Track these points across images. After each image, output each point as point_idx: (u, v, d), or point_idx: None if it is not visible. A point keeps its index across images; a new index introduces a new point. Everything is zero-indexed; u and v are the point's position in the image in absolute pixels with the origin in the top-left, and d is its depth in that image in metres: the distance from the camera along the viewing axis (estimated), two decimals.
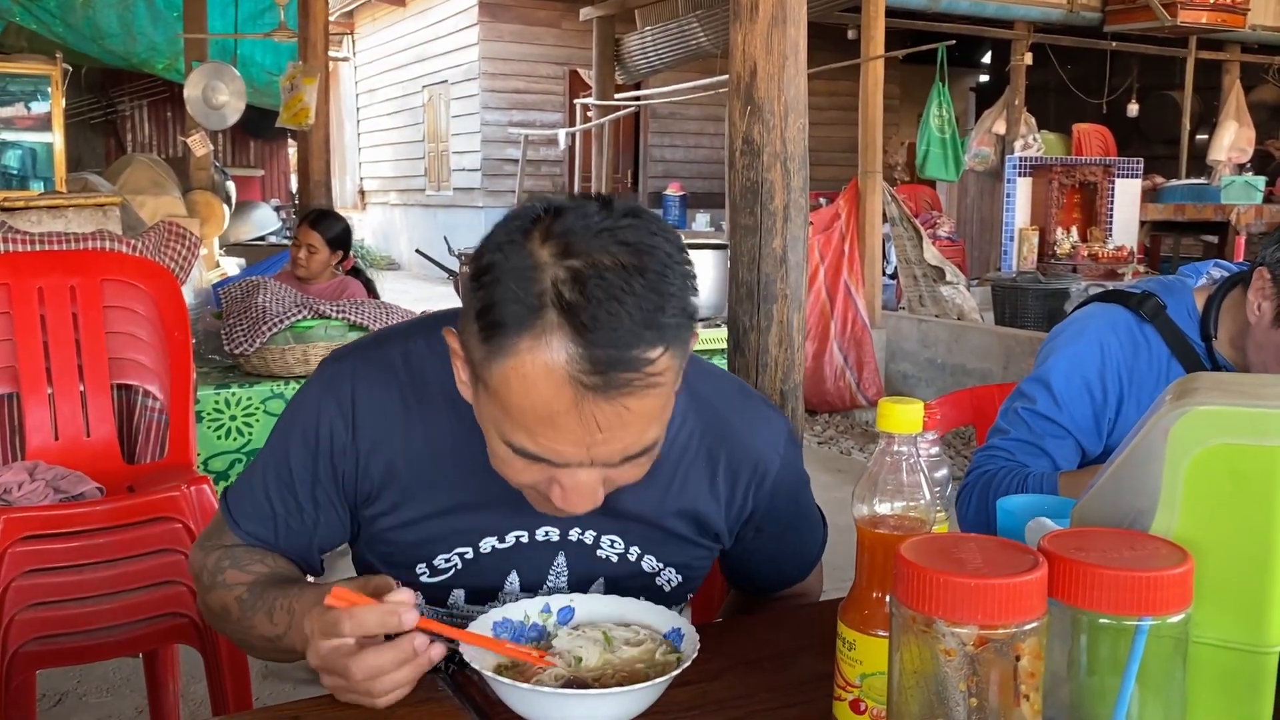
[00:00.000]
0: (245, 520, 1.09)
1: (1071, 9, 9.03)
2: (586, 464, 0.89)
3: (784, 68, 1.76)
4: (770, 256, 1.81)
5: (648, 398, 0.86)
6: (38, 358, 2.22)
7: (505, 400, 0.87)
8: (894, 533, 0.79)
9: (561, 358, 0.82)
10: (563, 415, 0.85)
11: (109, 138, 12.59)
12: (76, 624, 1.89)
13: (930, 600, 0.63)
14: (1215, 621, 0.73)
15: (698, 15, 7.20)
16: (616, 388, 0.83)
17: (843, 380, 5.92)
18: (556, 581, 1.08)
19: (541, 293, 0.83)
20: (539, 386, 0.84)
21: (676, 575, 1.12)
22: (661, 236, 0.88)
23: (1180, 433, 0.74)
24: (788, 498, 1.15)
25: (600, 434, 0.86)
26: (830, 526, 1.26)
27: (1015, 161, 8.75)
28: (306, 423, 1.06)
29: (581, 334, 0.82)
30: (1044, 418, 1.47)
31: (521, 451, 0.89)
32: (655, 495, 1.06)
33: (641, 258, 0.85)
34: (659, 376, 0.85)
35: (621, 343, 0.82)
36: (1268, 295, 1.35)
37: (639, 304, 0.83)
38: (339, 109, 14.17)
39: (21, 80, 6.32)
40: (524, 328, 0.83)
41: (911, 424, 0.80)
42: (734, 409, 1.12)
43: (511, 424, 0.88)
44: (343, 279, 3.94)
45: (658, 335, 0.84)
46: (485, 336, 0.86)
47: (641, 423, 0.87)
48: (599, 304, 0.82)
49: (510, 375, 0.85)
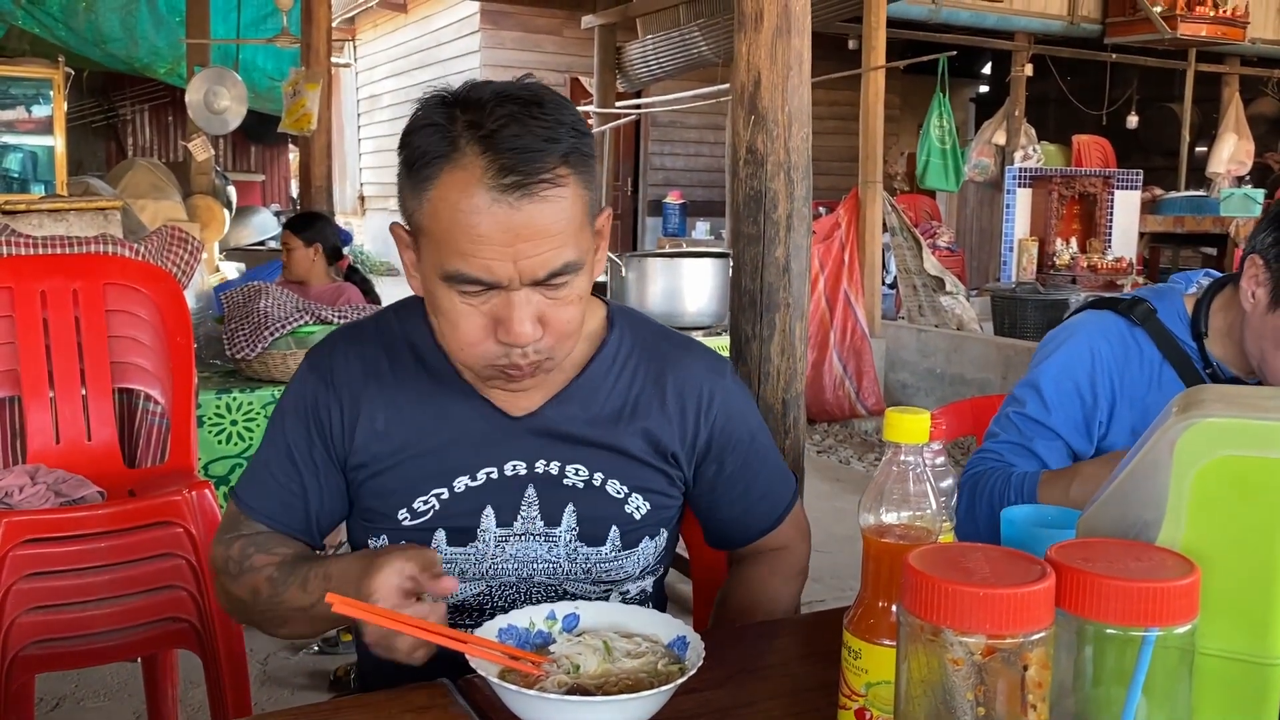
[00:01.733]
0: (252, 498, 1.17)
1: (1072, 21, 9.06)
2: (516, 281, 0.99)
3: (788, 78, 1.76)
4: (773, 265, 1.81)
5: (555, 204, 0.98)
6: (40, 361, 2.22)
7: (438, 229, 0.99)
8: (900, 542, 0.79)
9: (476, 171, 0.97)
10: (484, 222, 0.97)
11: (110, 142, 12.58)
12: (76, 628, 1.88)
13: (938, 609, 0.63)
14: (1221, 633, 0.73)
15: (699, 24, 7.22)
16: (523, 189, 0.96)
17: (842, 390, 5.92)
18: (529, 513, 1.15)
19: (454, 133, 0.98)
20: (461, 200, 0.97)
21: (644, 502, 1.18)
22: (554, 92, 1.03)
23: (1186, 445, 0.74)
24: (741, 425, 1.23)
25: (520, 242, 0.97)
26: (831, 536, 1.27)
27: (1015, 172, 8.77)
28: (296, 397, 1.18)
29: (489, 148, 0.97)
30: (1033, 421, 1.49)
31: (460, 278, 0.99)
32: (611, 419, 1.16)
33: (538, 96, 1.01)
34: (562, 184, 0.99)
35: (525, 149, 0.97)
36: (1261, 281, 1.36)
37: (538, 124, 0.98)
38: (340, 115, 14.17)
39: (23, 84, 6.33)
40: (443, 158, 0.98)
41: (918, 434, 0.80)
42: (673, 343, 1.24)
43: (447, 252, 0.99)
44: (339, 284, 3.95)
45: (557, 147, 0.98)
46: (414, 181, 1.01)
47: (555, 234, 0.99)
48: (503, 125, 0.97)
49: (437, 202, 0.99)
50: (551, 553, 1.15)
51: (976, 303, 7.24)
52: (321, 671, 2.76)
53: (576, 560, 1.16)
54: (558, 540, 1.15)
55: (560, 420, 1.15)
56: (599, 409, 1.16)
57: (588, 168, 1.03)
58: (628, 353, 1.19)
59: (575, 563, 1.16)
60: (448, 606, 1.14)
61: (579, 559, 1.16)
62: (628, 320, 1.23)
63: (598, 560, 1.16)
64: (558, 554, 1.15)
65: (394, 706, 0.92)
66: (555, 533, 1.15)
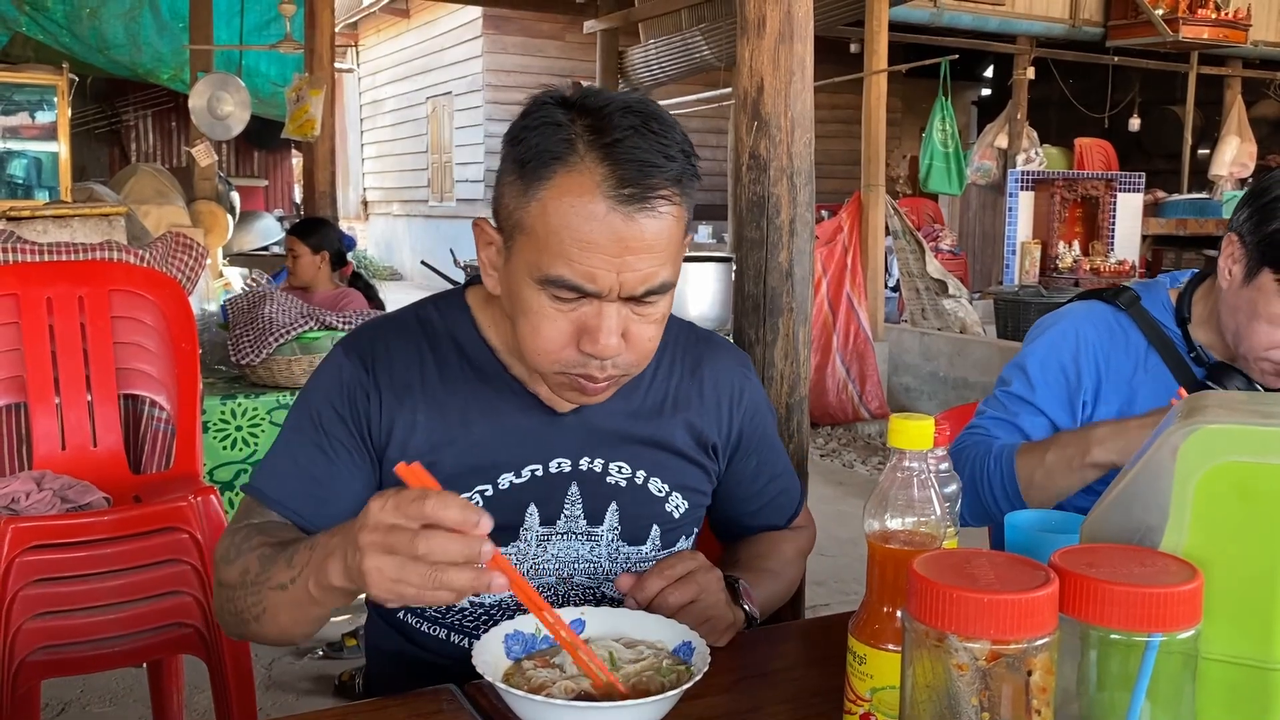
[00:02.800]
0: (269, 485, 1.11)
1: (1074, 24, 9.07)
2: (614, 292, 0.98)
3: (790, 83, 1.77)
4: (776, 270, 1.81)
5: (665, 221, 0.98)
6: (46, 367, 2.23)
7: (544, 229, 0.98)
8: (905, 548, 0.79)
9: (595, 177, 0.96)
10: (597, 230, 0.96)
11: (114, 147, 12.60)
12: (82, 634, 1.89)
13: (943, 615, 0.64)
14: (1225, 638, 0.73)
15: (701, 29, 7.23)
16: (639, 203, 0.96)
17: (845, 393, 5.92)
18: (572, 510, 1.14)
19: (572, 135, 0.97)
20: (576, 205, 0.96)
21: (683, 500, 1.19)
22: (666, 110, 1.03)
23: (1189, 450, 0.74)
24: (764, 421, 1.26)
25: (627, 254, 0.97)
26: (834, 539, 1.29)
27: (1017, 175, 8.77)
28: (330, 380, 1.12)
29: (610, 157, 0.96)
30: (1019, 398, 1.52)
31: (559, 283, 0.98)
32: (653, 412, 1.17)
33: (651, 110, 1.01)
34: (673, 203, 0.99)
35: (644, 163, 0.96)
36: (1237, 259, 1.39)
37: (656, 139, 0.98)
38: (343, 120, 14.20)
39: (28, 90, 6.34)
40: (560, 160, 0.97)
41: (923, 440, 0.80)
42: (702, 337, 1.26)
43: (550, 255, 0.98)
44: (343, 289, 3.97)
45: (674, 166, 0.99)
46: (525, 179, 0.99)
47: (659, 251, 0.99)
48: (624, 135, 0.97)
49: (549, 202, 0.97)
50: (593, 552, 1.15)
51: (979, 306, 7.24)
52: (326, 676, 2.77)
53: (618, 560, 1.16)
54: (600, 539, 1.15)
55: (604, 415, 1.14)
56: (641, 401, 1.17)
57: (691, 191, 1.03)
58: (663, 345, 1.17)
59: (616, 562, 1.16)
60: (484, 608, 1.14)
61: (619, 559, 1.16)
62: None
63: (639, 560, 1.17)
64: (599, 553, 1.15)
65: (401, 712, 0.93)
66: (598, 531, 1.15)
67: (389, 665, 1.21)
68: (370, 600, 1.23)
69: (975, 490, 1.44)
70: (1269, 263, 1.33)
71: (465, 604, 1.14)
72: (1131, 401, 1.49)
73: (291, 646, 1.48)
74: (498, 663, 0.93)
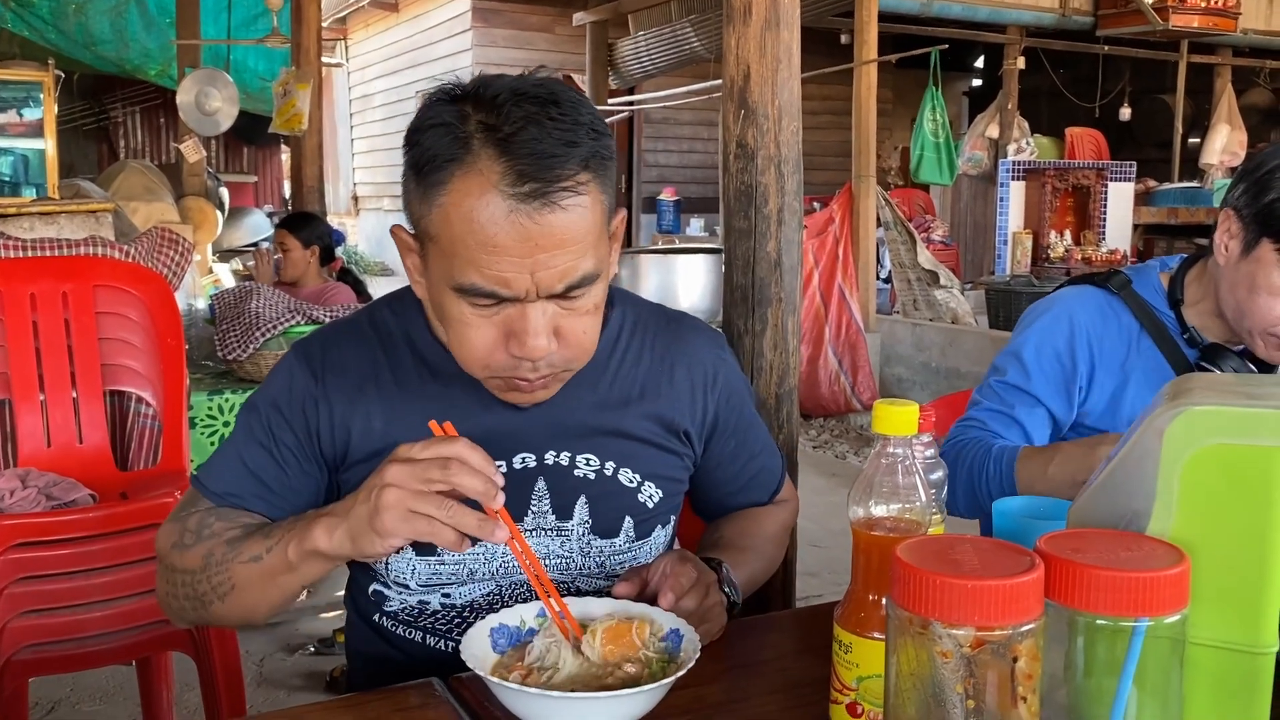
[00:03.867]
0: (216, 482, 1.10)
1: (1064, 13, 9.06)
2: (533, 293, 0.95)
3: (777, 71, 1.76)
4: (765, 260, 1.80)
5: (575, 213, 0.93)
6: (30, 364, 2.21)
7: (449, 238, 0.94)
8: (890, 535, 0.79)
9: (492, 177, 0.91)
10: (501, 233, 0.91)
11: (102, 144, 12.54)
12: (69, 631, 1.88)
13: (926, 602, 0.63)
14: (1212, 622, 0.73)
15: (691, 20, 7.22)
16: (543, 198, 0.91)
17: (837, 384, 5.92)
18: (539, 506, 1.12)
19: (467, 133, 0.92)
20: (475, 209, 0.91)
21: (656, 489, 1.16)
22: (569, 88, 0.98)
23: (1175, 433, 0.74)
24: (740, 402, 1.24)
25: (539, 252, 0.92)
26: (827, 530, 1.28)
27: (1008, 165, 8.77)
28: (281, 388, 1.11)
29: (506, 152, 0.91)
30: (1014, 388, 1.51)
31: (473, 290, 0.95)
32: (620, 403, 1.15)
33: (553, 93, 0.95)
34: (582, 191, 0.94)
35: (543, 154, 0.91)
36: (1234, 234, 1.39)
37: (555, 125, 0.92)
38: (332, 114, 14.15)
39: (13, 87, 6.29)
40: (455, 161, 0.92)
41: (907, 426, 0.79)
42: (674, 319, 1.23)
43: (459, 263, 0.94)
44: (330, 283, 3.95)
45: (576, 151, 0.93)
46: (423, 185, 0.95)
47: (574, 244, 0.94)
48: (519, 126, 0.91)
49: (449, 209, 0.93)
50: (564, 547, 1.12)
51: (971, 296, 7.24)
52: (318, 672, 2.76)
53: (589, 554, 1.13)
54: (570, 534, 1.12)
55: (569, 406, 1.12)
56: (607, 391, 1.14)
57: (606, 171, 0.98)
58: (631, 330, 1.18)
59: (588, 557, 1.13)
60: (455, 609, 1.13)
61: (592, 552, 1.13)
62: (627, 299, 1.22)
63: (611, 553, 1.14)
64: (570, 548, 1.13)
65: (384, 706, 0.92)
66: (567, 526, 1.12)
67: (370, 668, 1.19)
68: (349, 601, 1.23)
69: (972, 487, 1.42)
70: (1269, 233, 1.33)
71: (438, 605, 1.13)
72: (1124, 385, 1.49)
73: (249, 628, 1.46)
74: (485, 656, 0.93)
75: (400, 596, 1.13)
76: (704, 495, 1.29)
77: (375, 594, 1.15)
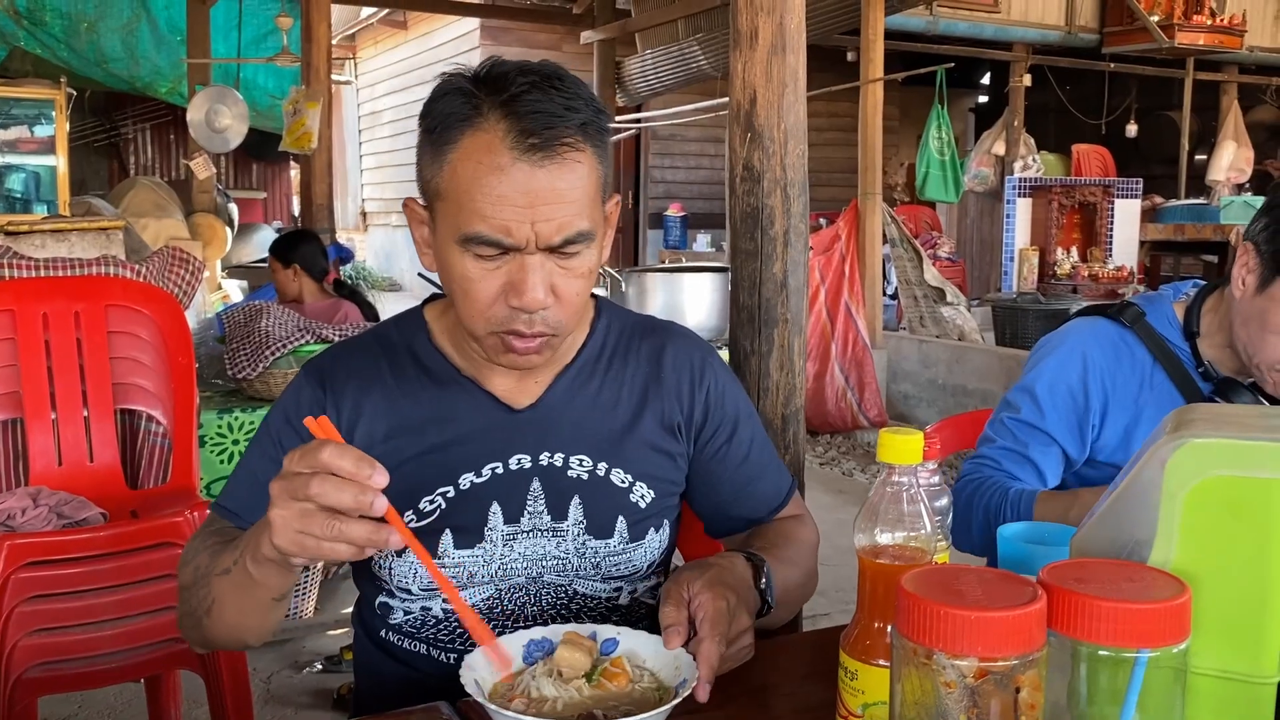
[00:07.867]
0: (232, 501, 1.15)
1: (1070, 30, 9.09)
2: (533, 243, 1.01)
3: (783, 95, 1.77)
4: (771, 281, 1.82)
5: (574, 170, 1.02)
6: (42, 383, 2.23)
7: (457, 190, 1.02)
8: (895, 563, 0.79)
9: (498, 134, 1.00)
10: (505, 182, 0.99)
11: (112, 161, 12.62)
12: (79, 650, 1.89)
13: (930, 632, 0.64)
14: (1213, 652, 0.73)
15: (698, 39, 7.25)
16: (544, 152, 0.99)
17: (844, 401, 5.92)
18: (535, 507, 1.14)
19: (478, 101, 1.02)
20: (482, 162, 1.00)
21: (648, 490, 1.18)
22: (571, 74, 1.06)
23: (1177, 465, 0.74)
24: (732, 400, 1.26)
25: (539, 204, 1.00)
26: (835, 548, 1.28)
27: (1015, 182, 8.78)
28: (291, 404, 1.17)
29: (511, 113, 1.00)
30: (1028, 425, 1.51)
31: (477, 239, 1.01)
32: (611, 404, 1.19)
33: (558, 72, 1.05)
34: (579, 150, 1.02)
35: (547, 114, 1.00)
36: (1252, 268, 1.39)
37: (558, 93, 1.02)
38: (341, 132, 14.23)
39: (26, 104, 6.35)
40: (465, 121, 1.01)
41: (911, 455, 0.80)
42: (660, 328, 1.28)
43: (465, 214, 1.01)
44: (336, 301, 3.91)
45: (575, 116, 1.02)
46: (435, 146, 1.03)
47: (572, 201, 1.02)
48: (524, 91, 1.01)
49: (457, 164, 1.02)
50: (560, 548, 1.15)
51: (978, 313, 7.24)
52: (325, 690, 2.76)
53: (585, 555, 1.15)
54: (565, 534, 1.15)
55: (562, 407, 1.16)
56: (599, 391, 1.19)
57: (603, 143, 1.06)
58: (619, 335, 1.23)
59: (584, 557, 1.15)
60: (457, 623, 1.14)
61: (587, 553, 1.15)
62: (614, 310, 1.27)
63: (606, 554, 1.16)
64: (566, 549, 1.15)
65: None
66: (563, 527, 1.15)
67: (378, 684, 1.20)
68: (356, 618, 1.24)
69: (988, 528, 1.42)
70: None
71: (439, 612, 1.14)
72: (1137, 420, 1.47)
73: (245, 648, 1.48)
74: (485, 680, 0.93)
75: (404, 605, 1.15)
76: (703, 505, 1.28)
77: (381, 606, 1.17)
